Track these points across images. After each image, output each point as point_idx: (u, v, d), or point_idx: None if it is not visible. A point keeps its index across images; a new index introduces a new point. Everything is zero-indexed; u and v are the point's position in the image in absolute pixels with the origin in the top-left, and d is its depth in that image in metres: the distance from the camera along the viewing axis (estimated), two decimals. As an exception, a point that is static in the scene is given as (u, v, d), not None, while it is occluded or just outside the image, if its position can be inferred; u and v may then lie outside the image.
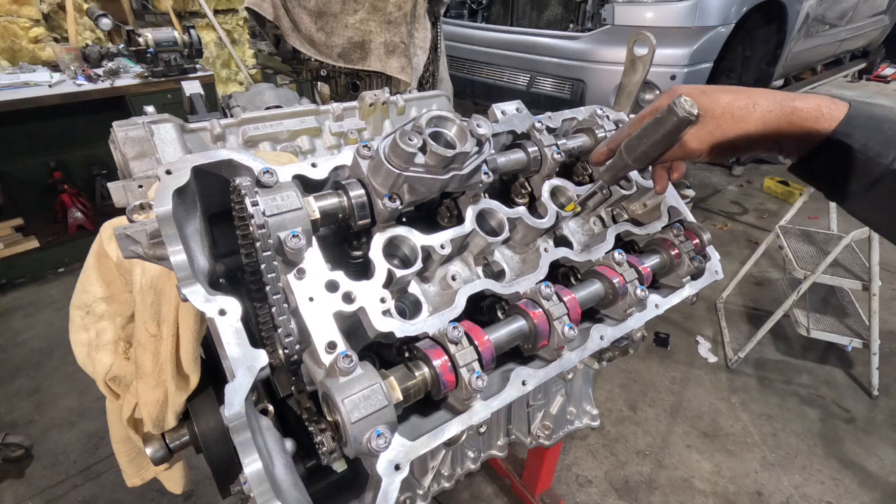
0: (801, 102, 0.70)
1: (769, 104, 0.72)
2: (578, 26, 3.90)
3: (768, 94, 0.73)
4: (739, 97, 0.73)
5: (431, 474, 1.31)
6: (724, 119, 0.73)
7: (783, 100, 0.71)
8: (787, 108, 0.70)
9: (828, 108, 0.68)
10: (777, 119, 0.71)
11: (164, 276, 0.81)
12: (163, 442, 0.83)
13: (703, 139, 0.75)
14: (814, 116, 0.69)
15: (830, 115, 0.68)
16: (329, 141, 1.47)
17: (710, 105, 0.74)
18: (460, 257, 0.91)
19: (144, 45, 3.27)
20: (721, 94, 0.74)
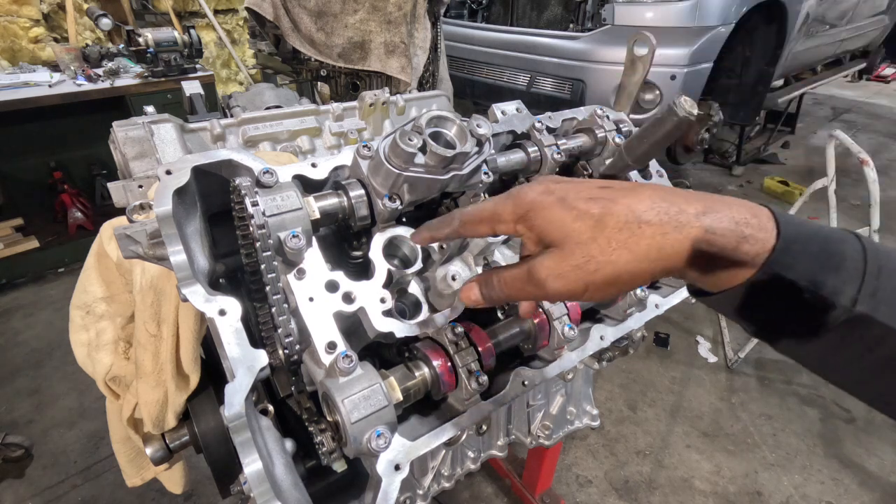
0: (716, 219, 0.46)
1: (665, 222, 0.46)
2: (578, 26, 3.90)
3: (655, 200, 0.48)
4: (615, 209, 0.48)
5: (431, 474, 1.31)
6: (595, 247, 0.48)
7: (681, 212, 0.47)
8: (692, 230, 0.46)
9: (751, 229, 0.45)
10: (680, 246, 0.46)
11: (164, 276, 0.81)
12: (163, 442, 0.83)
13: (571, 278, 0.49)
14: (732, 243, 0.45)
15: (757, 237, 0.45)
16: (329, 141, 1.47)
17: (569, 225, 0.49)
18: (460, 257, 0.91)
19: (144, 45, 3.27)
20: (586, 203, 0.49)
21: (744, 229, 0.45)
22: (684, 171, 5.52)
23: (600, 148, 1.06)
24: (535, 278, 0.52)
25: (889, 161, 5.88)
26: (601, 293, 0.50)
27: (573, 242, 0.49)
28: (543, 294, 0.52)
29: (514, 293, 0.55)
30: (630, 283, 0.49)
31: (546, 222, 0.51)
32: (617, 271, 0.48)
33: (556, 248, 0.50)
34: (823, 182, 2.87)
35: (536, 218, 0.52)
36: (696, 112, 0.67)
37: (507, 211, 0.54)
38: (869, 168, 2.56)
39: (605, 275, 0.48)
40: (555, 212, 0.50)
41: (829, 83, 6.29)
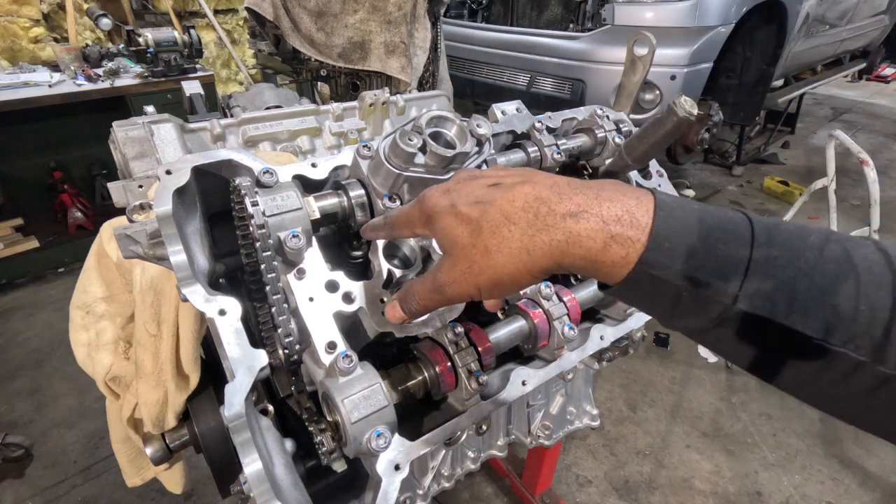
0: (578, 222, 0.44)
1: (531, 223, 0.46)
2: (578, 26, 3.90)
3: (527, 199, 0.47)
4: (490, 212, 0.48)
5: (431, 474, 1.31)
6: (476, 252, 0.49)
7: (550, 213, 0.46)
8: (558, 229, 0.45)
9: (620, 227, 0.43)
10: (547, 247, 0.46)
11: (164, 276, 0.81)
12: (163, 442, 0.83)
13: (462, 282, 0.51)
14: (600, 244, 0.44)
15: (626, 236, 0.43)
16: (329, 141, 1.47)
17: (455, 230, 0.50)
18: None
19: (144, 45, 3.27)
20: (469, 208, 0.50)
21: (612, 227, 0.44)
22: (684, 171, 5.52)
23: (600, 148, 1.06)
24: (437, 286, 0.53)
25: (889, 161, 5.88)
26: (493, 293, 0.51)
27: (458, 248, 0.50)
28: (446, 299, 0.54)
29: (427, 303, 0.57)
30: (513, 283, 0.49)
31: (440, 229, 0.52)
32: (497, 274, 0.49)
33: (448, 255, 0.52)
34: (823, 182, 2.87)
35: (434, 225, 0.53)
36: (696, 112, 0.67)
37: (416, 216, 0.56)
38: (869, 168, 2.56)
39: (488, 278, 0.49)
40: (445, 219, 0.51)
41: (829, 83, 6.29)
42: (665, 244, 0.43)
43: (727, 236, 0.43)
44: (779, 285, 0.41)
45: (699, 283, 0.42)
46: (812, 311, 0.41)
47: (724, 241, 0.43)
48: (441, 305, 0.57)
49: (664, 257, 0.43)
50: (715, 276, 0.42)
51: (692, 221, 0.44)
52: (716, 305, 0.43)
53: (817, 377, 0.43)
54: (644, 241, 0.43)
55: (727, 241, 0.43)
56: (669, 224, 0.43)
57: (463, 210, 0.50)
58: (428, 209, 0.54)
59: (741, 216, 0.45)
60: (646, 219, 0.44)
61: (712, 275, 0.42)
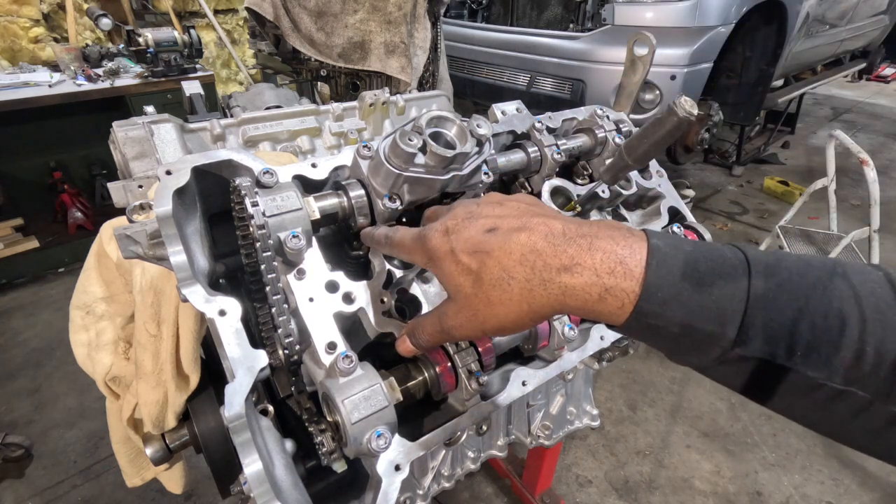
0: (572, 278, 0.45)
1: (529, 278, 0.47)
2: (578, 26, 3.90)
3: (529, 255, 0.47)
4: (489, 264, 0.49)
5: (431, 474, 1.31)
6: (479, 301, 0.50)
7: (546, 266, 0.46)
8: (554, 284, 0.46)
9: (613, 279, 0.44)
10: (545, 300, 0.47)
11: (164, 276, 0.81)
12: (163, 442, 0.83)
13: (468, 326, 0.52)
14: (595, 297, 0.44)
15: (620, 288, 0.43)
16: (329, 141, 1.47)
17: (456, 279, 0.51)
18: (460, 257, 0.91)
19: (144, 45, 3.27)
20: (469, 257, 0.50)
21: (606, 280, 0.44)
22: (684, 171, 5.52)
23: (600, 148, 1.06)
24: (444, 328, 0.55)
25: (889, 161, 5.88)
26: (499, 335, 0.54)
27: (462, 297, 0.52)
28: (454, 339, 0.57)
29: (435, 340, 0.58)
30: (517, 327, 0.51)
31: (442, 275, 0.53)
32: (501, 322, 0.50)
33: (453, 301, 0.53)
34: (823, 182, 2.88)
35: (436, 267, 0.54)
36: (696, 112, 0.67)
37: (418, 253, 0.57)
38: (869, 168, 2.56)
39: (493, 325, 0.51)
40: (446, 264, 0.52)
41: (829, 83, 6.29)
42: (658, 294, 0.43)
43: (723, 280, 0.42)
44: (778, 328, 0.41)
45: (695, 329, 0.42)
46: (815, 352, 0.40)
47: (719, 286, 0.42)
48: (451, 341, 0.59)
49: (658, 307, 0.43)
50: (711, 322, 0.42)
51: (685, 267, 0.43)
52: (714, 349, 0.43)
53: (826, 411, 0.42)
54: (637, 292, 0.43)
55: (723, 286, 0.42)
56: (661, 273, 0.43)
57: (463, 259, 0.51)
58: (429, 252, 0.55)
59: (739, 256, 0.44)
60: (638, 269, 0.43)
61: (709, 321, 0.42)
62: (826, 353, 0.40)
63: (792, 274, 0.43)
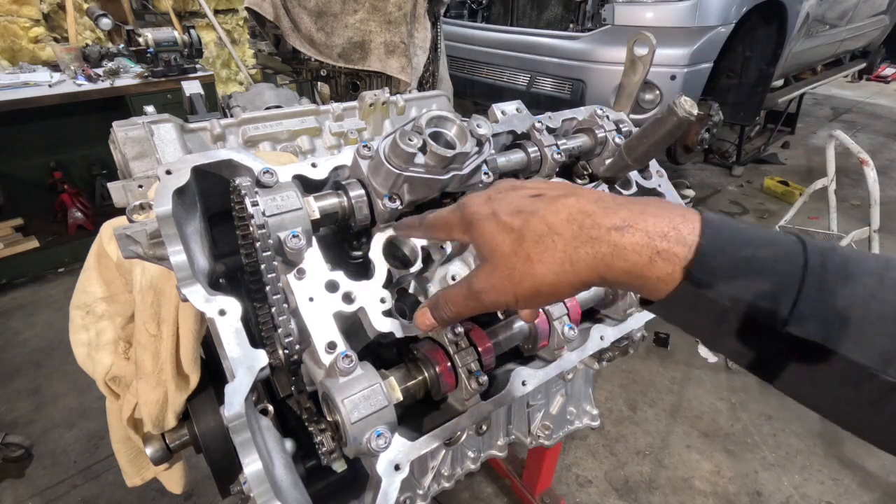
0: (623, 235, 0.44)
1: (576, 234, 0.46)
2: (578, 26, 3.90)
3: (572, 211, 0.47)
4: (533, 222, 0.48)
5: (431, 474, 1.31)
6: (517, 259, 0.49)
7: (595, 225, 0.45)
8: (604, 242, 0.45)
9: (666, 242, 0.42)
10: (591, 259, 0.45)
11: (164, 276, 0.81)
12: (163, 442, 0.83)
13: (501, 289, 0.51)
14: (645, 258, 0.43)
15: (671, 252, 0.42)
16: (329, 141, 1.47)
17: (496, 238, 0.50)
18: (460, 257, 0.91)
19: (144, 45, 3.27)
20: (511, 217, 0.50)
21: (658, 243, 0.43)
22: (684, 171, 5.52)
23: (600, 148, 1.06)
24: (472, 291, 0.54)
25: (889, 161, 5.88)
26: (531, 303, 0.51)
27: (499, 255, 0.50)
28: (481, 306, 0.54)
29: (460, 309, 0.57)
30: (552, 294, 0.49)
31: (480, 236, 0.53)
32: (537, 283, 0.48)
33: (488, 262, 0.52)
34: (823, 182, 2.88)
35: (474, 231, 0.53)
36: (696, 112, 0.67)
37: (455, 221, 0.57)
38: (869, 168, 2.56)
39: (527, 287, 0.49)
40: (486, 226, 0.52)
41: (829, 83, 6.29)
42: (711, 262, 0.41)
43: (777, 259, 0.41)
44: (832, 310, 0.39)
45: (746, 304, 0.41)
46: (868, 340, 0.39)
47: (773, 263, 0.41)
48: (475, 313, 0.57)
49: (710, 276, 0.41)
50: (764, 299, 0.40)
51: (740, 242, 0.42)
52: (762, 329, 0.41)
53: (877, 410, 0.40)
54: (690, 258, 0.42)
55: (777, 264, 0.41)
56: (716, 243, 0.42)
57: (505, 219, 0.50)
58: (468, 216, 0.54)
59: (793, 239, 0.43)
60: (692, 236, 0.42)
61: (761, 297, 0.40)
62: (881, 342, 0.38)
63: (847, 260, 0.41)
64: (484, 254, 0.52)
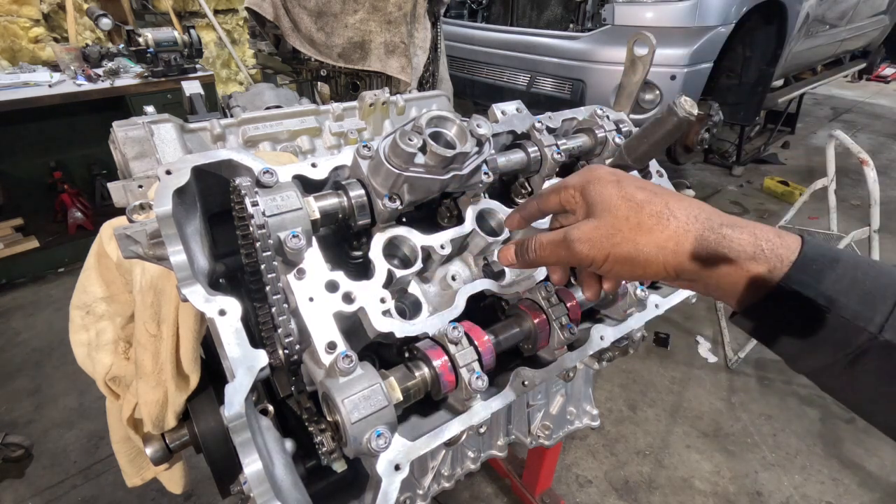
0: (733, 231, 0.49)
1: (690, 221, 0.51)
2: (578, 26, 3.90)
3: (692, 207, 0.53)
4: (654, 200, 0.53)
5: (431, 474, 1.31)
6: (627, 224, 0.53)
7: (709, 219, 0.51)
8: (712, 231, 0.50)
9: (770, 244, 0.47)
10: (697, 246, 0.50)
11: (164, 276, 0.81)
12: (163, 442, 0.83)
13: (598, 244, 0.54)
14: (749, 253, 0.48)
15: (775, 253, 0.47)
16: (329, 141, 1.47)
17: (614, 200, 0.55)
18: (460, 257, 0.91)
19: (144, 45, 3.27)
20: (635, 190, 0.55)
21: (763, 243, 0.48)
22: (684, 171, 5.52)
23: (600, 148, 1.06)
24: (567, 240, 0.57)
25: (889, 161, 5.88)
26: (618, 267, 0.55)
27: (610, 215, 0.54)
28: (569, 255, 0.57)
29: (547, 255, 0.60)
30: (644, 266, 0.53)
31: (598, 194, 0.57)
32: (636, 250, 0.53)
33: (595, 218, 0.56)
34: (823, 182, 2.87)
35: (593, 189, 0.57)
36: (696, 112, 0.67)
37: (575, 180, 0.60)
38: (869, 168, 2.56)
39: (625, 250, 0.53)
40: (609, 188, 0.56)
41: (829, 83, 6.29)
42: (813, 265, 0.45)
43: (876, 270, 0.45)
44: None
45: (843, 307, 0.43)
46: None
47: (873, 276, 0.44)
48: (560, 262, 0.60)
49: (811, 277, 0.45)
50: (860, 303, 0.43)
51: (841, 255, 0.46)
52: (859, 333, 0.43)
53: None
54: (793, 260, 0.46)
55: (876, 277, 0.44)
56: (819, 252, 0.46)
57: (629, 189, 0.55)
58: (593, 176, 0.58)
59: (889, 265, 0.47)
60: (795, 244, 0.47)
61: (858, 301, 0.43)
62: None
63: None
64: (595, 211, 0.56)
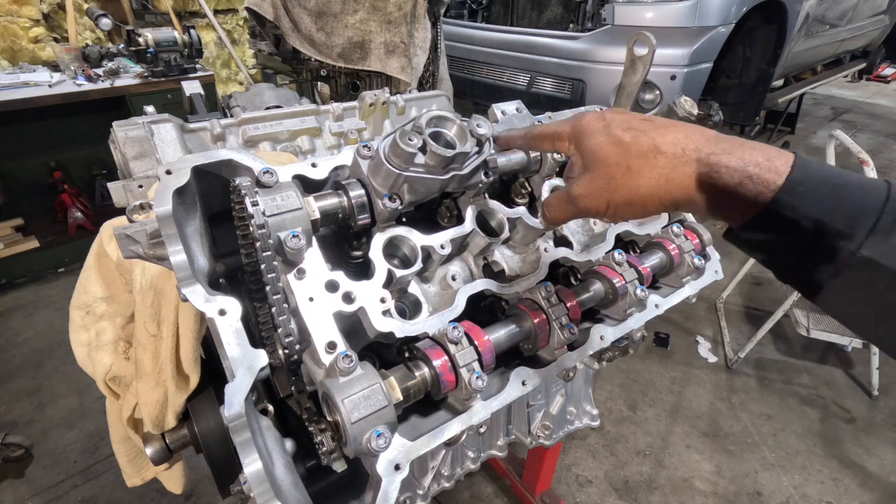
0: (721, 158, 0.50)
1: (677, 155, 0.52)
2: (578, 26, 3.90)
3: (679, 137, 0.53)
4: (641, 139, 0.54)
5: (431, 474, 1.31)
6: (617, 170, 0.55)
7: (698, 149, 0.52)
8: (702, 163, 0.51)
9: (758, 169, 0.48)
10: (686, 178, 0.52)
11: (164, 276, 0.81)
12: (163, 442, 0.83)
13: (597, 196, 0.57)
14: (737, 180, 0.49)
15: (762, 178, 0.48)
16: (329, 141, 1.47)
17: (603, 149, 0.56)
18: (460, 257, 0.91)
19: (144, 45, 3.27)
20: (622, 132, 0.56)
21: (751, 169, 0.49)
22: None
23: (600, 148, 1.05)
24: (571, 196, 0.60)
25: (889, 161, 5.88)
26: (621, 212, 0.57)
27: (603, 165, 0.56)
28: (577, 210, 0.61)
29: (559, 213, 0.64)
30: (642, 205, 0.55)
31: (588, 146, 0.58)
32: (632, 193, 0.54)
33: (590, 171, 0.58)
34: (823, 182, 2.87)
35: (584, 141, 0.59)
36: (696, 112, 0.67)
37: (566, 131, 0.62)
38: (869, 168, 2.56)
39: (622, 196, 0.55)
40: (597, 137, 0.57)
41: (829, 83, 6.29)
42: (799, 188, 0.47)
43: (861, 191, 0.46)
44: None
45: (826, 226, 0.46)
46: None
47: (857, 196, 0.46)
48: (572, 217, 0.64)
49: (797, 200, 0.47)
50: (843, 223, 0.45)
51: (829, 175, 0.47)
52: (840, 251, 0.46)
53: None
54: (780, 184, 0.47)
55: (861, 196, 0.46)
56: (807, 173, 0.47)
57: (616, 132, 0.56)
58: (582, 126, 0.60)
59: (881, 182, 0.48)
60: (784, 167, 0.48)
61: (841, 221, 0.45)
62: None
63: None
64: (588, 163, 0.58)
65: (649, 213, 0.57)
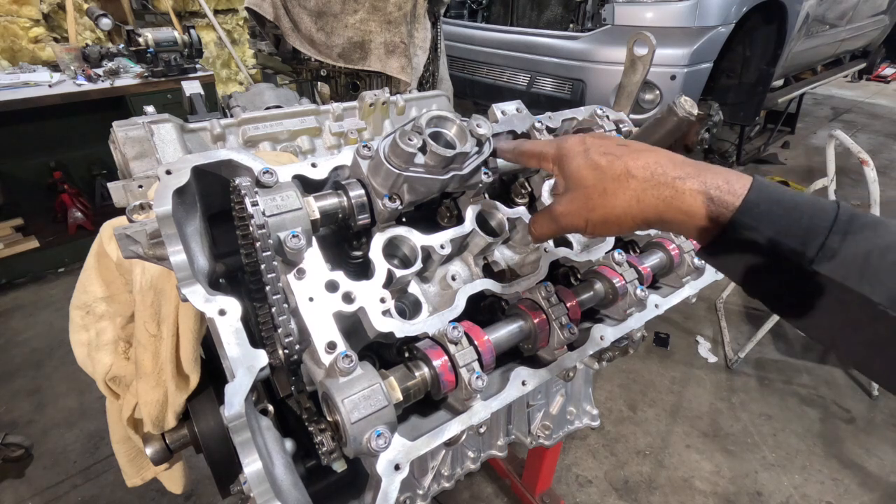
0: (684, 182, 0.55)
1: (647, 178, 0.57)
2: (578, 26, 3.90)
3: (649, 163, 0.58)
4: (615, 164, 0.59)
5: (431, 474, 1.31)
6: (594, 191, 0.60)
7: (664, 173, 0.56)
8: (666, 186, 0.55)
9: (718, 192, 0.53)
10: (655, 200, 0.56)
11: (164, 276, 0.81)
12: (163, 442, 0.83)
13: (576, 214, 0.63)
14: (699, 202, 0.53)
15: (722, 200, 0.52)
16: (329, 141, 1.47)
17: (582, 172, 0.62)
18: (460, 257, 0.91)
19: (144, 45, 3.27)
20: (599, 156, 0.61)
21: (712, 191, 0.53)
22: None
23: (600, 148, 1.05)
24: (553, 214, 0.66)
25: (889, 161, 5.88)
26: (599, 230, 0.62)
27: (582, 187, 0.62)
28: (559, 227, 0.66)
29: (543, 230, 0.70)
30: (618, 224, 0.60)
31: (569, 169, 0.64)
32: (607, 213, 0.60)
33: (570, 191, 0.64)
34: (823, 182, 2.87)
35: (565, 164, 0.64)
36: (696, 112, 0.67)
37: (551, 153, 0.68)
38: (869, 168, 2.56)
39: (599, 215, 0.61)
40: (577, 160, 0.63)
41: (829, 83, 6.29)
42: (755, 209, 0.51)
43: (813, 211, 0.50)
44: (853, 255, 0.47)
45: (780, 245, 0.50)
46: (881, 282, 0.46)
47: (809, 216, 0.50)
48: (555, 234, 0.70)
49: (754, 220, 0.51)
50: (796, 242, 0.49)
51: (783, 197, 0.51)
52: (795, 269, 0.49)
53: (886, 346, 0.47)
54: (737, 205, 0.52)
55: (812, 216, 0.50)
56: (762, 196, 0.51)
57: (594, 157, 0.61)
58: (565, 149, 0.65)
59: (832, 203, 0.51)
60: (742, 189, 0.52)
61: (794, 240, 0.49)
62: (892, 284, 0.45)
63: (874, 220, 0.49)
64: (569, 184, 0.64)
65: (624, 231, 0.61)
